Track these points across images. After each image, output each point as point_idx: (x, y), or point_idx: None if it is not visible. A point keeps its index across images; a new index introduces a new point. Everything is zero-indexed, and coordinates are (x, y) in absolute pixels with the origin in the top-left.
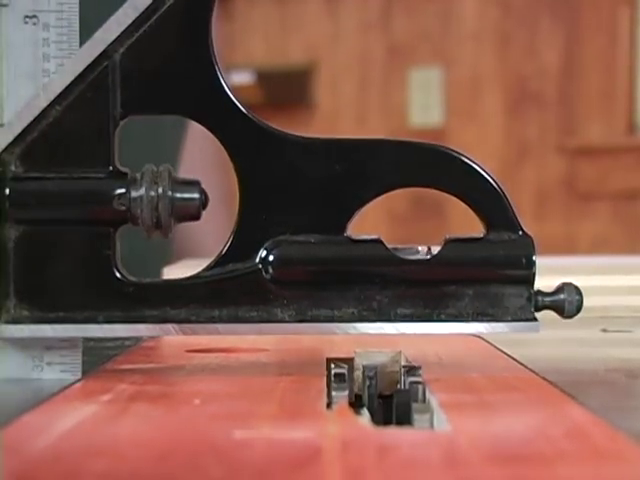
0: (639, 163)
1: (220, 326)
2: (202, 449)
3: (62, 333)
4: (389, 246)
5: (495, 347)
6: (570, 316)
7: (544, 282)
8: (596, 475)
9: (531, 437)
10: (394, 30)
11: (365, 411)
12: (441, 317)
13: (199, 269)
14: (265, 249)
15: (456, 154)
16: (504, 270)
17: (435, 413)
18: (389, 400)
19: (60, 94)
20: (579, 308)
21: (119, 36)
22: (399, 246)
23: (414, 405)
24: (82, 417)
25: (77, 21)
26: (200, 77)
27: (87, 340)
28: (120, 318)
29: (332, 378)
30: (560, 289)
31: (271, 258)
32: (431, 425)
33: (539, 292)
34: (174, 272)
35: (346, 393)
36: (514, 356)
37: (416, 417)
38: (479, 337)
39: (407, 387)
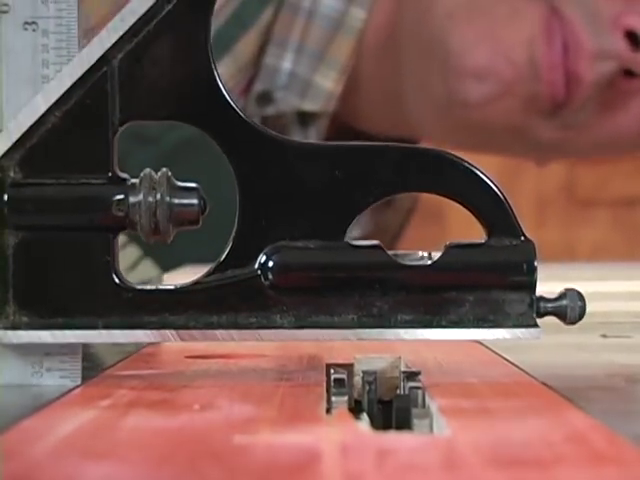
0: (638, 170)
1: (219, 332)
2: (201, 454)
3: (61, 339)
4: (389, 252)
5: (495, 353)
6: (573, 322)
7: (544, 288)
8: (596, 479)
9: (531, 442)
10: None
11: (365, 416)
12: (442, 323)
13: (199, 275)
14: (264, 255)
15: (457, 159)
16: (505, 276)
17: (435, 418)
18: (389, 406)
19: (59, 100)
20: (582, 314)
21: (117, 41)
22: (399, 252)
23: (414, 410)
24: (82, 422)
25: (76, 27)
26: (199, 82)
27: (87, 346)
28: (119, 324)
29: (332, 383)
30: (563, 295)
31: (270, 264)
32: (431, 430)
33: (541, 298)
34: (174, 278)
35: (346, 398)
36: (514, 362)
37: (416, 422)
38: (479, 343)
39: (407, 392)
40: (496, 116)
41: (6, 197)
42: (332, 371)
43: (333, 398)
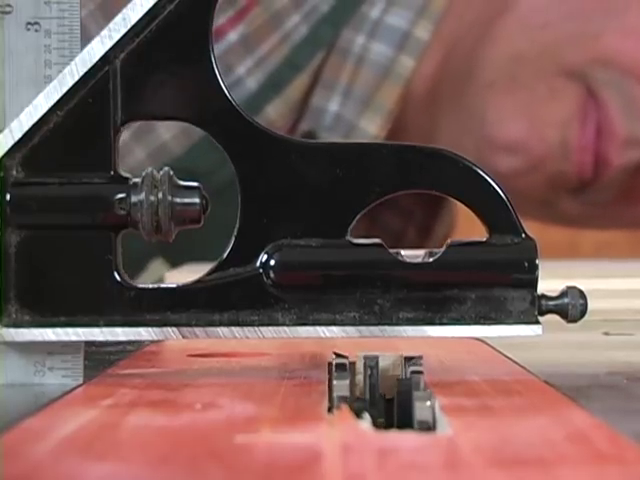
0: None
1: (220, 329)
2: (203, 453)
3: (63, 337)
4: (390, 250)
5: (497, 350)
6: (574, 320)
7: (547, 286)
8: (597, 478)
9: (533, 441)
10: None
11: (366, 415)
12: (443, 321)
13: (201, 274)
14: (266, 253)
15: (458, 157)
16: (507, 274)
17: (437, 417)
18: (391, 403)
19: (61, 99)
20: (583, 312)
21: (119, 41)
22: (401, 250)
23: (415, 393)
24: (83, 421)
25: (78, 27)
26: (201, 82)
27: (89, 345)
28: (121, 322)
29: (333, 368)
30: (564, 293)
31: (272, 262)
32: (433, 420)
33: (543, 296)
34: (176, 277)
35: (347, 382)
36: (516, 359)
37: (417, 405)
38: (481, 340)
39: (408, 376)
40: (522, 188)
41: (8, 196)
42: (334, 356)
43: (335, 382)
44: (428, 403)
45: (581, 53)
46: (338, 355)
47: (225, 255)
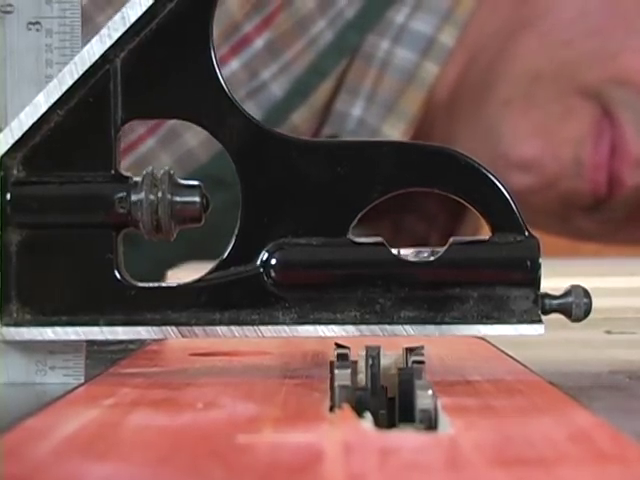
0: None
1: (220, 328)
2: (204, 453)
3: (63, 336)
4: (392, 249)
5: (498, 349)
6: (578, 319)
7: (549, 284)
8: (599, 477)
9: (534, 440)
10: None
11: (368, 414)
12: (445, 320)
13: (202, 273)
14: (267, 252)
15: (460, 155)
16: (509, 272)
17: (438, 416)
18: (393, 401)
19: (61, 98)
20: (587, 311)
21: (119, 40)
22: (402, 249)
23: (417, 382)
24: (85, 421)
25: (79, 27)
26: (201, 80)
27: (90, 344)
28: (121, 321)
29: (335, 359)
30: (568, 292)
31: (273, 261)
32: (434, 410)
33: (547, 295)
34: (177, 275)
35: (348, 372)
36: (517, 358)
37: (419, 393)
38: (482, 339)
39: (410, 365)
40: (536, 205)
41: (9, 195)
42: (335, 346)
43: (336, 371)
44: (430, 392)
45: (598, 72)
46: (340, 346)
47: (226, 254)
